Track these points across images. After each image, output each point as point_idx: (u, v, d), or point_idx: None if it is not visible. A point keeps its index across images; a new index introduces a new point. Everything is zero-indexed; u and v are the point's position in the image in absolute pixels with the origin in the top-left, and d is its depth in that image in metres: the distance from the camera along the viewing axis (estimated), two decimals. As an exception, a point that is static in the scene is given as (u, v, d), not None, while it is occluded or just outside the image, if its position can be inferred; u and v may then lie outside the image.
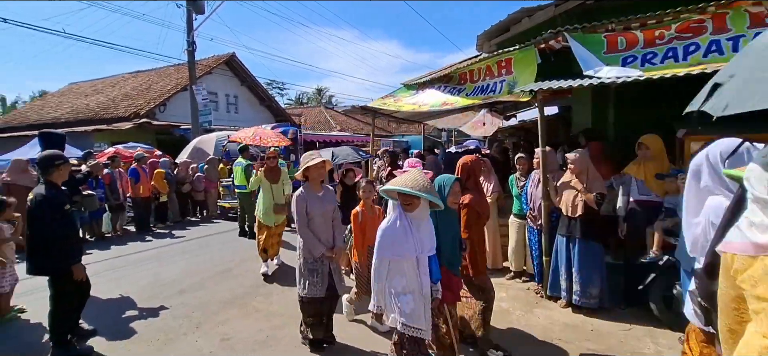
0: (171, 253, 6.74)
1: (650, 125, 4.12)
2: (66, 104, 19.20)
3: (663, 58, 3.77)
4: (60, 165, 3.37)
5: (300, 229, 3.22)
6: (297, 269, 3.32)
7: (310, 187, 3.29)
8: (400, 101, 6.09)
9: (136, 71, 21.04)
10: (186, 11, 13.12)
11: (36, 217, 3.17)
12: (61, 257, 3.22)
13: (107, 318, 4.07)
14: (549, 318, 3.87)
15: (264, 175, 5.29)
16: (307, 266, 3.23)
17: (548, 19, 5.75)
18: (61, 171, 3.38)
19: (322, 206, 3.27)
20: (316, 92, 43.73)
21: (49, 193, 3.21)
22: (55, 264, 3.22)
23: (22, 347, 3.56)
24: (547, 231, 4.19)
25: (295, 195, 3.25)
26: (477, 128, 11.51)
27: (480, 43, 7.01)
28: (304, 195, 3.23)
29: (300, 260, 3.28)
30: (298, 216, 3.21)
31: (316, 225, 3.25)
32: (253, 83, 20.30)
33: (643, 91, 4.50)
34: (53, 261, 3.21)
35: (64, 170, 3.44)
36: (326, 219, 3.32)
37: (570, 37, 4.18)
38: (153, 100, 15.82)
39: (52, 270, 3.25)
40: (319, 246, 3.20)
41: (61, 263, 3.23)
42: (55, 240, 3.18)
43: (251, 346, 3.50)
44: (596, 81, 3.79)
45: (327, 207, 3.32)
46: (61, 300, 3.30)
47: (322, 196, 3.32)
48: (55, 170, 3.33)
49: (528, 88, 4.24)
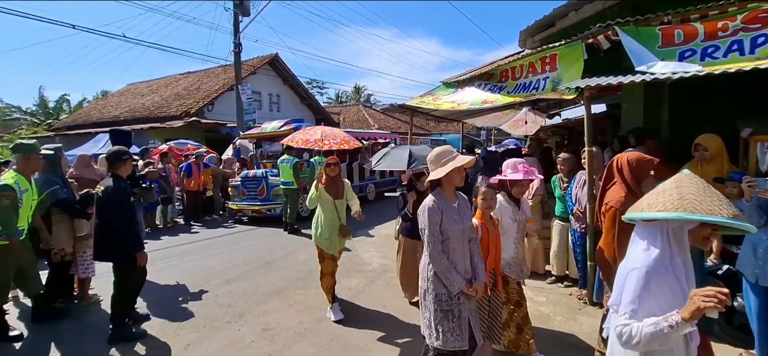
0: (217, 245, 7.09)
1: (710, 123, 3.82)
2: (125, 103, 20.65)
3: (726, 51, 3.49)
4: (127, 160, 3.70)
5: (433, 255, 2.38)
6: (423, 309, 2.51)
7: (444, 195, 2.46)
8: (439, 99, 6.04)
9: (186, 72, 22.25)
10: (233, 14, 13.70)
11: (105, 208, 3.46)
12: (127, 245, 3.49)
13: (159, 304, 4.35)
14: (593, 326, 3.70)
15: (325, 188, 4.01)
16: (441, 306, 2.37)
17: (597, 13, 5.48)
18: (126, 165, 3.70)
19: (460, 221, 2.42)
20: (354, 91, 44.25)
21: (117, 186, 3.50)
22: (121, 251, 3.49)
23: (87, 327, 3.86)
24: (593, 235, 4.01)
25: (425, 205, 2.39)
26: (518, 127, 11.19)
27: (523, 39, 6.79)
28: (438, 207, 2.37)
29: (427, 298, 2.45)
30: (430, 236, 2.37)
31: (453, 249, 2.41)
32: (294, 82, 20.88)
33: (701, 87, 4.18)
34: (119, 248, 3.48)
35: (129, 165, 3.77)
36: (464, 239, 2.47)
37: (621, 30, 3.96)
38: (202, 99, 16.67)
39: (117, 257, 3.52)
40: (458, 280, 2.36)
41: (126, 250, 3.49)
42: (121, 229, 3.45)
43: (291, 337, 3.61)
44: (650, 77, 3.56)
45: (465, 223, 2.48)
46: (124, 285, 3.57)
47: (458, 208, 2.48)
48: (122, 164, 3.65)
49: (574, 84, 4.07)
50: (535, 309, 4.10)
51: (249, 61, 18.55)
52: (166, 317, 4.05)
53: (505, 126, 11.34)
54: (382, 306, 4.26)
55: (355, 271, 5.43)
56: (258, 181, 9.08)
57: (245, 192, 9.17)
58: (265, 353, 3.35)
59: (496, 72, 5.45)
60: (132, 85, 24.40)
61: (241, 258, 6.13)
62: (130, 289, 3.67)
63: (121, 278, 3.56)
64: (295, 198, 8.07)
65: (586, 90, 3.94)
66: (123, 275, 3.56)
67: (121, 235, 3.46)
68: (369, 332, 3.68)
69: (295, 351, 3.39)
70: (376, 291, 4.70)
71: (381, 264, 5.77)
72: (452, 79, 6.26)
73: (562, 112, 10.72)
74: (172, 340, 3.59)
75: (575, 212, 4.24)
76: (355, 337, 3.60)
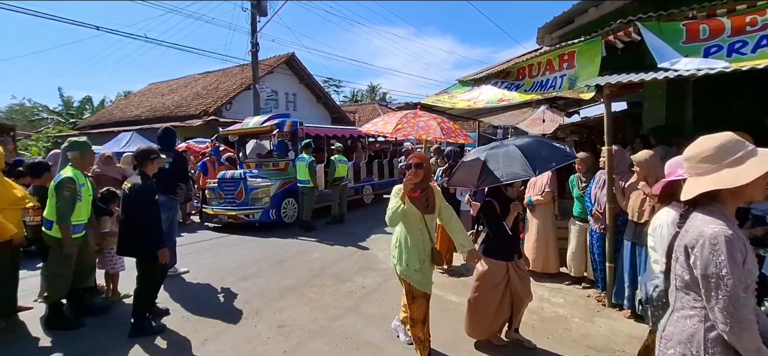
0: (233, 242, 7.21)
1: (735, 121, 3.65)
2: (146, 103, 21.14)
3: (755, 46, 3.35)
4: (154, 159, 3.79)
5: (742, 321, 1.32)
6: None
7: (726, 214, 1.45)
8: (455, 98, 5.99)
9: (205, 72, 22.62)
10: (250, 14, 13.88)
11: (131, 205, 3.55)
12: (151, 241, 3.57)
13: (178, 299, 4.44)
14: (611, 328, 3.62)
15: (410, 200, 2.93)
16: None
17: (617, 9, 5.35)
18: (154, 164, 3.79)
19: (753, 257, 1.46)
20: (369, 89, 44.28)
21: (144, 184, 3.59)
22: (145, 248, 3.57)
23: (110, 320, 3.96)
24: (612, 236, 3.93)
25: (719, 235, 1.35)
26: (535, 125, 11.01)
27: (541, 36, 6.67)
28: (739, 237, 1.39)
29: None
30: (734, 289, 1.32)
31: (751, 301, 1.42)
32: (310, 82, 21.02)
33: (728, 84, 4.05)
34: (144, 245, 3.56)
35: (157, 163, 3.85)
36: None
37: (642, 26, 3.85)
38: (220, 98, 16.95)
39: (142, 254, 3.61)
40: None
41: (150, 247, 3.57)
42: (146, 225, 3.54)
43: (306, 335, 3.64)
44: (672, 74, 3.45)
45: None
46: (146, 280, 3.66)
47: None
48: (149, 163, 3.74)
49: (593, 82, 3.98)
50: (552, 310, 4.05)
51: (266, 60, 18.76)
52: (185, 312, 4.13)
53: (523, 125, 11.17)
54: (397, 304, 4.24)
55: (370, 269, 5.44)
56: (235, 183, 8.18)
57: (222, 195, 8.38)
58: (281, 350, 3.39)
59: (513, 69, 5.37)
60: (153, 85, 24.97)
61: (256, 256, 6.21)
62: (152, 285, 3.76)
63: (144, 274, 3.64)
64: (311, 196, 8.14)
65: (606, 87, 3.85)
66: (146, 271, 3.64)
67: (147, 232, 3.53)
68: (383, 330, 3.69)
69: (310, 348, 3.42)
70: (391, 289, 4.69)
71: (395, 263, 5.76)
72: (468, 78, 6.20)
73: (581, 110, 10.52)
74: (191, 335, 3.66)
75: (594, 212, 4.16)
76: (369, 335, 3.61)
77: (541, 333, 3.57)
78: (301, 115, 19.33)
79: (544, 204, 4.87)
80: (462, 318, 3.46)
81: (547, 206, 4.93)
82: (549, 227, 4.92)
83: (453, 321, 3.77)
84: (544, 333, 3.58)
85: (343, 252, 6.39)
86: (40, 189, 4.12)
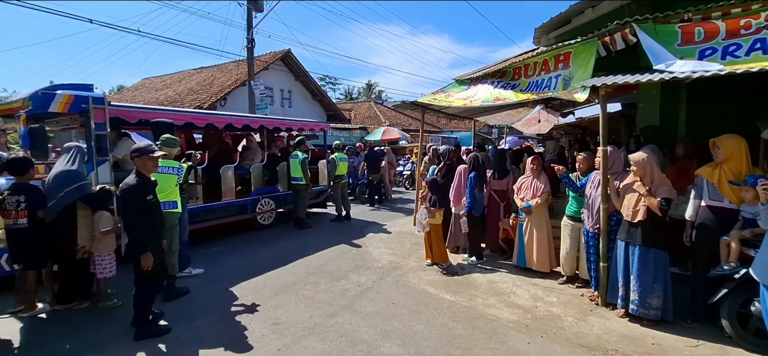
0: (229, 241, 7.16)
1: (729, 124, 3.71)
2: (139, 98, 20.94)
3: (749, 50, 3.39)
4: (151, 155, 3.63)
5: None
6: None
7: None
8: (451, 96, 6.00)
9: (200, 67, 22.46)
10: (246, 10, 13.79)
11: (122, 203, 3.46)
12: (137, 243, 3.45)
13: (172, 301, 4.36)
14: (604, 327, 3.65)
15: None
16: None
17: (613, 10, 5.39)
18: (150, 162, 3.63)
19: None
20: (365, 87, 44.21)
21: (136, 182, 3.48)
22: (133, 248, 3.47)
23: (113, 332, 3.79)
24: (606, 236, 3.96)
25: None
26: (531, 125, 11.07)
27: (537, 37, 6.71)
28: None
29: None
30: None
31: None
32: (306, 79, 20.94)
33: (721, 86, 4.08)
34: (132, 245, 3.47)
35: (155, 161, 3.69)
36: None
37: (638, 28, 3.87)
38: (215, 94, 16.83)
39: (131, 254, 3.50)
40: None
41: (136, 248, 3.46)
42: (134, 226, 3.45)
43: (301, 332, 3.63)
44: (668, 76, 3.47)
45: None
46: (143, 283, 3.54)
47: None
48: (148, 160, 3.60)
49: (589, 83, 4.00)
50: (545, 309, 4.08)
51: (262, 56, 18.68)
52: (179, 309, 4.11)
53: (518, 124, 11.22)
54: (391, 303, 4.26)
55: (365, 267, 5.44)
56: None
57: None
58: (275, 347, 3.38)
59: (510, 69, 5.38)
60: (146, 80, 24.75)
61: (251, 254, 6.19)
62: (150, 287, 3.63)
63: (140, 276, 3.52)
64: (304, 194, 8.10)
65: (602, 88, 3.87)
66: (142, 273, 3.51)
67: (136, 232, 3.44)
68: (378, 328, 3.69)
69: (305, 345, 3.41)
70: (385, 287, 4.70)
71: (390, 261, 5.77)
72: (465, 77, 6.21)
73: (576, 110, 10.58)
74: (184, 332, 3.64)
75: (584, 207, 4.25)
76: (363, 333, 3.61)
77: (534, 332, 3.59)
78: (297, 112, 19.35)
79: (541, 204, 4.90)
80: (456, 316, 3.60)
81: (543, 206, 4.96)
82: (543, 226, 4.95)
83: (446, 320, 3.79)
84: (538, 331, 3.61)
85: (337, 250, 6.39)
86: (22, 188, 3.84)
